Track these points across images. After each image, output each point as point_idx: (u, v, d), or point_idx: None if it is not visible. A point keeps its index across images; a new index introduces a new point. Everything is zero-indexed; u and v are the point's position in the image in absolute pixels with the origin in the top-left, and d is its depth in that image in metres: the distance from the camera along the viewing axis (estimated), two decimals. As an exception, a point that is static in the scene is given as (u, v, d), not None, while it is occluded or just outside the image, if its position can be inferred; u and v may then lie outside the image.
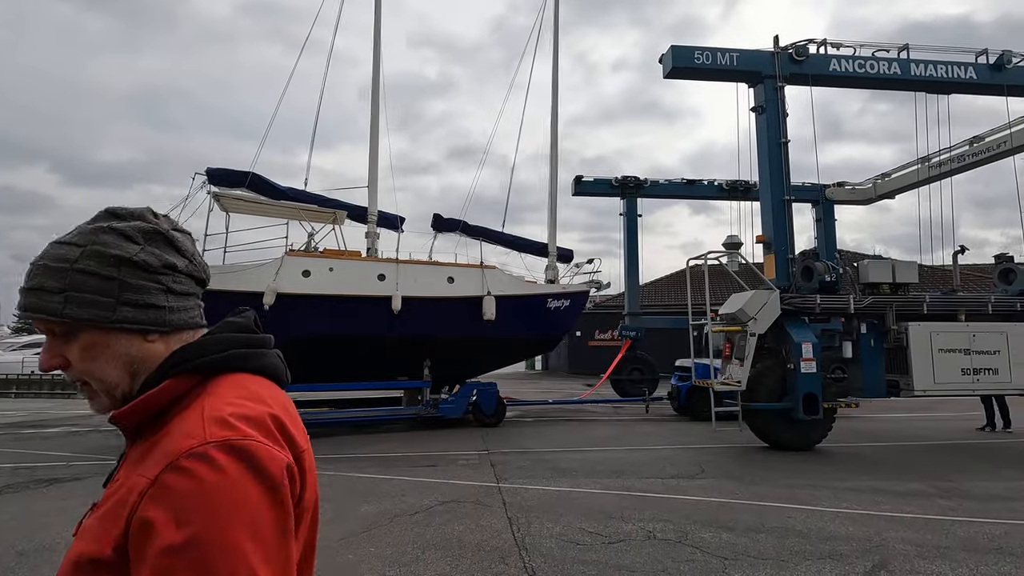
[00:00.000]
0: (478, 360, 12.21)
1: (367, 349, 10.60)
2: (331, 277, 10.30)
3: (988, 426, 10.44)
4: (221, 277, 9.86)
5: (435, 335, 10.83)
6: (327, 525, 5.03)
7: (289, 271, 10.01)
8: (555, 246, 13.05)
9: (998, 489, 6.18)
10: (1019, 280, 9.79)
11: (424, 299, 10.69)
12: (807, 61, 9.80)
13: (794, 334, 8.61)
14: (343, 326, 10.26)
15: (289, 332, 9.97)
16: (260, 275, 9.92)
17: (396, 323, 10.43)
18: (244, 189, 10.65)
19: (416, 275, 10.81)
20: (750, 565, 4.05)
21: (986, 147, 12.63)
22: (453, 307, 10.90)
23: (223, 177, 10.47)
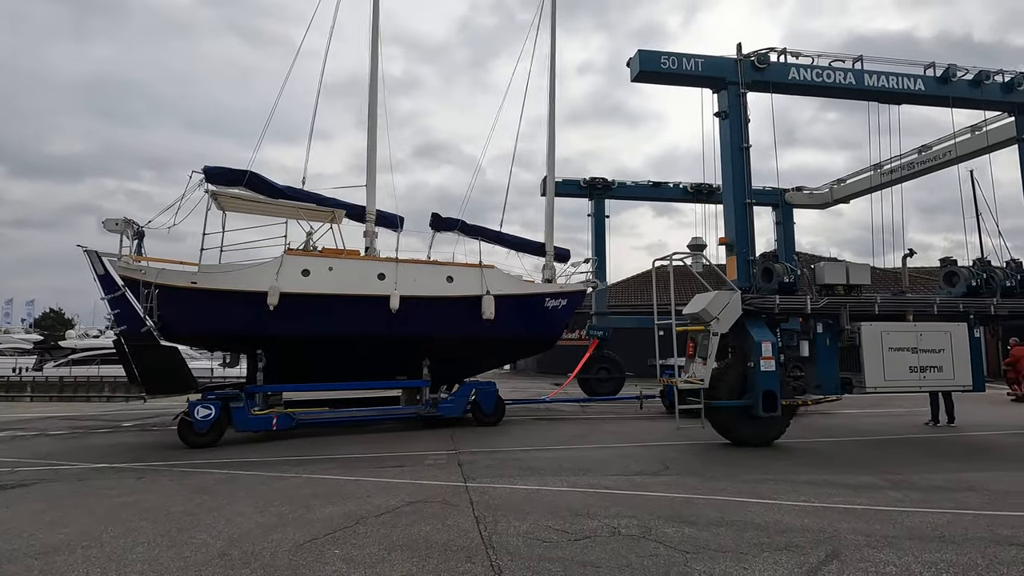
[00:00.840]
0: (477, 359, 12.23)
1: (367, 348, 10.56)
2: (331, 276, 10.23)
3: (933, 421, 10.98)
4: (221, 277, 9.78)
5: (434, 334, 10.82)
6: (289, 528, 4.94)
7: (289, 270, 9.91)
8: (552, 246, 13.20)
9: (941, 480, 6.51)
10: (962, 283, 10.33)
11: (423, 298, 10.66)
12: (768, 69, 10.12)
13: (754, 333, 8.87)
14: (343, 325, 10.20)
15: (289, 331, 9.95)
16: (260, 274, 9.80)
17: (395, 322, 10.39)
18: (242, 188, 10.53)
19: (415, 274, 10.79)
20: (710, 558, 4.16)
21: (933, 156, 13.27)
22: (452, 306, 10.90)
23: (220, 176, 10.34)
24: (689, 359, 9.49)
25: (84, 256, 9.34)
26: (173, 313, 9.50)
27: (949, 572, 3.89)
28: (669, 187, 19.01)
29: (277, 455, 8.43)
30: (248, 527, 5.00)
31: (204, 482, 6.80)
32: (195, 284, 9.60)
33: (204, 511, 5.51)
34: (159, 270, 9.57)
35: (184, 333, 10.18)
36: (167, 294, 9.40)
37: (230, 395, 9.64)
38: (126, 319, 9.50)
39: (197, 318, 9.70)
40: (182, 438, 9.21)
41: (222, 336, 10.34)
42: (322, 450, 8.76)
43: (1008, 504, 5.55)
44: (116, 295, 9.42)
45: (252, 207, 10.78)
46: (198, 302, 9.57)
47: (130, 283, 9.44)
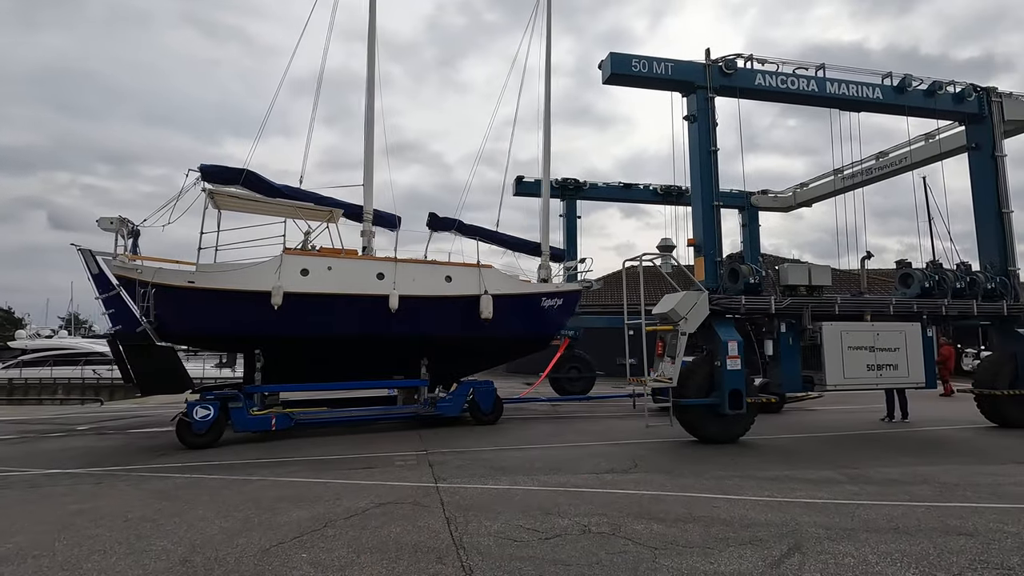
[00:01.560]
0: (475, 359, 12.24)
1: (365, 348, 10.51)
2: (330, 276, 10.17)
3: (888, 417, 11.42)
4: (219, 276, 9.69)
5: (433, 334, 10.82)
6: (254, 533, 4.83)
7: (288, 270, 9.82)
8: (548, 246, 13.35)
9: (896, 474, 6.78)
10: (916, 284, 10.77)
11: (422, 298, 10.64)
12: (735, 75, 10.34)
13: (721, 333, 9.06)
14: (342, 325, 10.16)
15: (288, 331, 9.89)
16: (259, 274, 9.71)
17: (394, 322, 10.36)
18: (239, 186, 10.45)
19: (414, 274, 10.76)
20: (678, 554, 4.24)
21: (889, 162, 13.80)
22: (451, 306, 10.90)
23: (217, 174, 10.26)
24: (658, 358, 9.64)
25: (78, 255, 9.23)
26: (170, 313, 9.39)
27: (903, 562, 4.05)
28: (640, 189, 19.29)
29: (242, 458, 8.22)
30: (211, 532, 4.86)
31: (164, 486, 6.59)
32: (193, 283, 9.48)
33: (164, 517, 5.34)
34: (156, 269, 9.44)
35: (181, 333, 10.03)
36: (164, 294, 9.30)
37: (229, 395, 9.51)
38: (121, 319, 9.37)
39: (195, 318, 9.58)
40: (180, 439, 9.06)
41: (220, 336, 10.21)
42: (289, 452, 8.59)
43: (957, 496, 5.81)
44: (111, 294, 9.29)
45: (249, 206, 10.68)
46: (196, 302, 9.46)
47: (125, 282, 9.31)
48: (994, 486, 6.19)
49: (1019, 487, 6.14)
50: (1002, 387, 10.41)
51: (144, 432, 11.21)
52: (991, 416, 10.63)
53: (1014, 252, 11.38)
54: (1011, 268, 11.26)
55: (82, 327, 54.57)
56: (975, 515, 5.11)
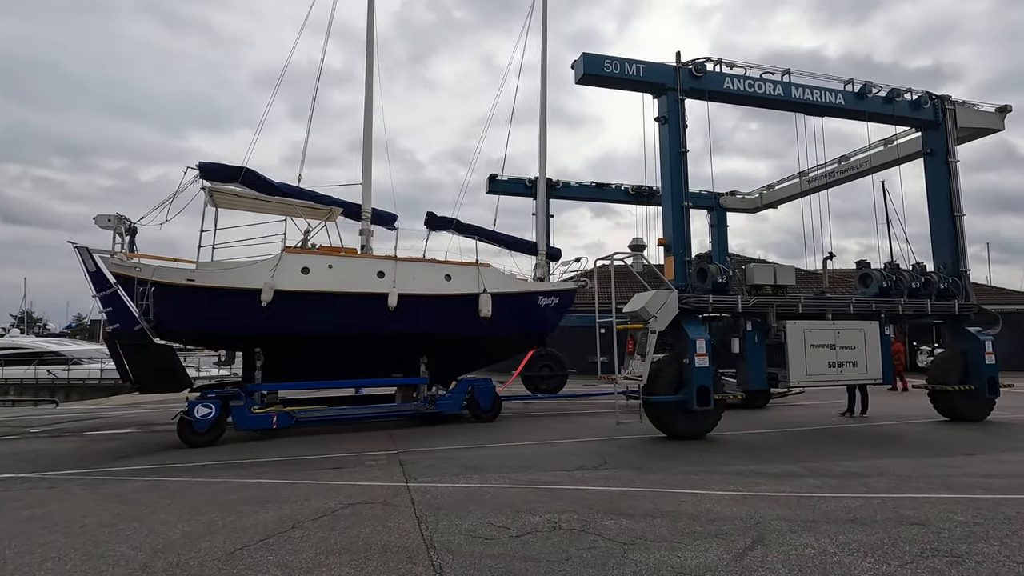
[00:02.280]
0: (474, 357, 12.32)
1: (366, 346, 10.55)
2: (330, 274, 10.22)
3: (849, 412, 11.82)
4: (219, 274, 9.63)
5: (434, 332, 10.92)
6: (218, 536, 4.72)
7: (287, 268, 9.87)
8: (544, 245, 13.54)
9: (855, 467, 7.02)
10: (874, 284, 11.17)
11: (422, 296, 10.73)
12: (705, 77, 10.55)
13: (689, 331, 9.24)
14: (343, 323, 10.21)
15: (289, 328, 9.91)
16: (259, 272, 9.71)
17: (395, 320, 10.42)
18: (237, 184, 10.47)
19: (414, 273, 10.85)
20: (646, 548, 4.31)
21: (851, 165, 14.27)
22: (450, 304, 10.99)
23: (216, 172, 10.26)
24: (628, 356, 9.77)
25: (75, 252, 9.14)
26: (170, 311, 9.35)
27: (860, 552, 4.20)
28: (612, 188, 19.47)
29: (206, 459, 8.01)
30: (173, 536, 4.73)
31: (123, 490, 6.37)
32: (192, 281, 9.45)
33: (123, 521, 5.17)
34: (155, 267, 9.40)
35: (181, 331, 9.99)
36: (164, 292, 9.26)
37: (230, 394, 9.50)
38: (118, 317, 9.29)
39: (195, 316, 9.55)
40: (181, 437, 9.03)
41: (220, 334, 10.17)
42: (256, 453, 8.41)
43: (910, 487, 6.06)
44: (108, 292, 9.22)
45: (248, 204, 10.67)
46: (196, 300, 9.44)
47: (123, 280, 9.24)
48: (944, 477, 6.47)
49: (968, 478, 6.44)
50: (953, 382, 10.89)
51: (102, 434, 10.82)
52: (943, 410, 11.11)
53: (965, 254, 11.91)
54: (962, 269, 11.78)
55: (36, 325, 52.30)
56: (927, 505, 5.34)
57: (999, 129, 12.64)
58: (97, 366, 26.96)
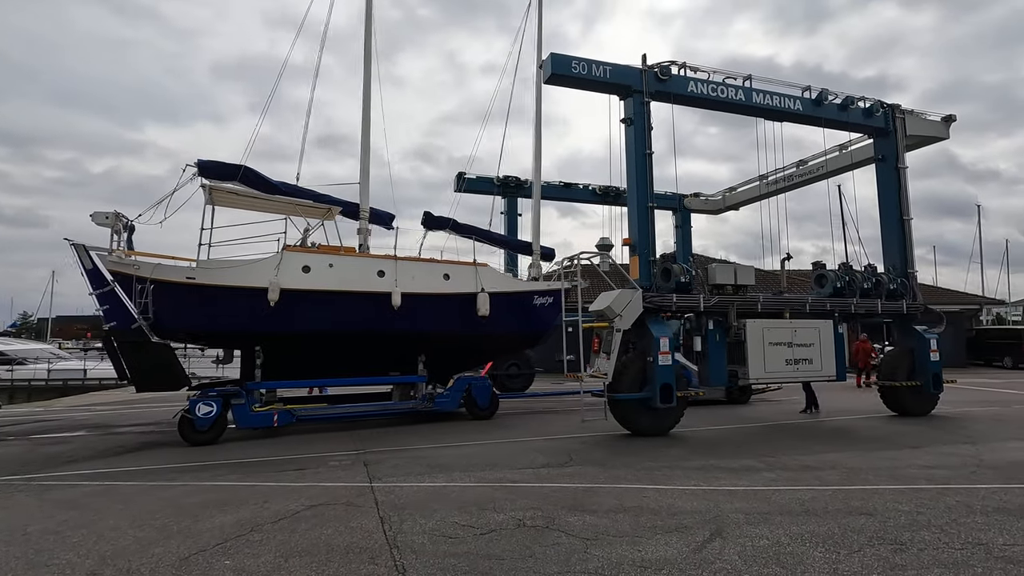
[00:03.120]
0: (471, 355, 12.41)
1: (367, 345, 10.59)
2: (331, 273, 10.24)
3: (807, 409, 12.21)
4: (219, 273, 9.60)
5: (433, 331, 11.00)
6: (172, 541, 4.57)
7: (289, 267, 9.87)
8: (539, 245, 13.64)
9: (809, 461, 7.29)
10: (829, 284, 11.60)
11: (422, 295, 10.82)
12: (670, 81, 10.74)
13: (653, 330, 9.40)
14: (345, 322, 10.23)
15: (291, 327, 9.90)
16: (260, 270, 9.71)
17: (397, 319, 10.51)
18: (236, 183, 10.43)
19: (414, 272, 10.93)
20: (609, 544, 4.38)
21: (808, 169, 14.75)
22: (449, 303, 11.10)
23: (214, 170, 10.23)
24: (594, 354, 9.89)
25: (71, 250, 9.08)
26: (169, 309, 9.29)
27: (812, 542, 4.37)
28: (579, 188, 19.67)
29: (161, 462, 7.75)
30: (124, 543, 4.56)
31: (71, 496, 6.10)
32: (192, 280, 9.40)
33: (70, 528, 4.95)
34: (155, 265, 9.32)
35: (181, 329, 9.88)
36: (163, 290, 9.20)
37: (231, 392, 9.52)
38: (115, 315, 9.24)
39: (195, 314, 9.50)
40: (183, 436, 9.00)
41: (221, 333, 10.08)
42: (215, 455, 8.18)
43: (860, 479, 6.33)
44: (105, 290, 9.18)
45: (248, 202, 10.65)
46: (196, 298, 9.40)
47: (121, 278, 9.17)
48: (891, 469, 6.78)
49: (912, 469, 6.76)
50: (901, 379, 11.40)
51: (49, 437, 10.33)
52: (891, 405, 11.62)
53: (913, 256, 12.48)
54: (910, 271, 12.33)
55: (-24, 324, 49.46)
56: (875, 496, 5.59)
57: (944, 138, 13.27)
58: (44, 366, 25.73)
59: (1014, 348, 25.30)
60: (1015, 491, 5.73)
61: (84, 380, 24.08)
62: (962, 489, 5.83)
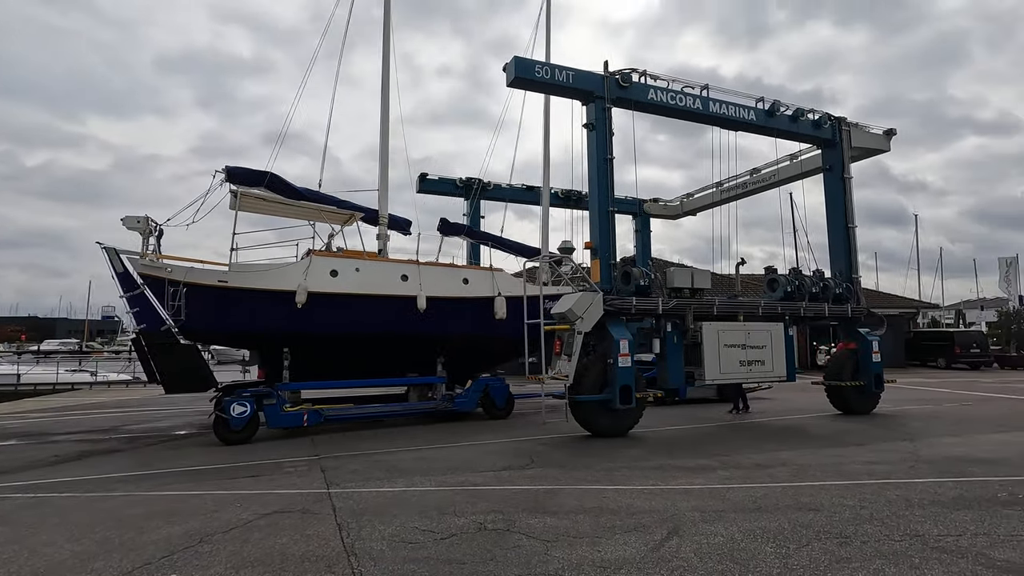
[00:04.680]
0: (487, 357, 12.76)
1: (392, 346, 10.97)
2: (358, 277, 10.66)
3: (736, 409, 12.43)
4: (250, 276, 9.93)
5: (454, 333, 11.39)
6: (114, 555, 4.34)
7: (317, 271, 10.26)
8: (548, 251, 14.29)
9: (761, 459, 7.54)
10: (780, 288, 12.05)
11: (444, 299, 11.23)
12: (631, 88, 10.94)
13: (614, 332, 9.54)
14: (371, 324, 10.60)
15: (320, 329, 10.22)
16: (290, 274, 10.09)
17: (421, 321, 10.91)
18: (262, 188, 10.76)
19: (435, 276, 11.40)
20: (569, 545, 4.40)
21: (761, 177, 15.30)
22: (469, 307, 11.52)
23: (242, 176, 10.57)
24: (556, 356, 9.96)
25: (103, 253, 9.31)
26: (202, 312, 9.49)
27: (763, 537, 4.51)
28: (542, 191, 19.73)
29: (101, 472, 7.35)
30: (60, 558, 4.30)
31: (1, 510, 5.71)
32: (224, 283, 9.68)
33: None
34: (188, 269, 9.60)
35: (214, 332, 10.26)
36: (196, 293, 9.42)
37: (263, 392, 9.76)
38: (145, 317, 9.48)
39: (228, 317, 9.76)
40: (218, 436, 9.23)
41: (252, 334, 10.38)
42: (163, 462, 7.82)
43: (808, 476, 6.58)
44: (135, 293, 9.39)
45: (274, 208, 11.03)
46: (229, 301, 9.67)
47: (151, 281, 9.38)
48: (837, 466, 7.09)
49: (856, 465, 7.08)
50: (846, 379, 11.95)
51: (-24, 447, 9.65)
52: (837, 404, 12.15)
53: (857, 262, 13.10)
54: (855, 275, 12.94)
55: None
56: (822, 492, 5.82)
57: (886, 150, 14.01)
58: (-28, 371, 24.02)
59: (947, 349, 26.88)
60: (948, 484, 6.08)
61: (17, 386, 22.60)
62: (901, 483, 6.14)
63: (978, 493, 5.72)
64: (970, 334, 28.58)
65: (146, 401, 16.82)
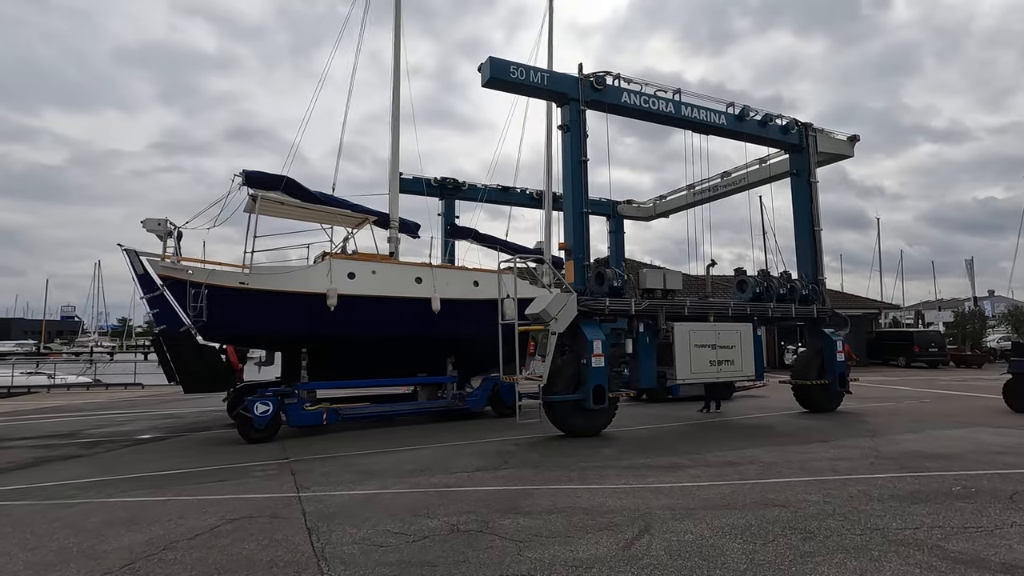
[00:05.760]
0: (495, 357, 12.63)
1: (407, 347, 11.28)
2: (375, 279, 10.91)
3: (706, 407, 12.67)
4: (271, 278, 10.14)
5: (465, 334, 11.58)
6: (72, 565, 4.19)
7: (336, 273, 10.48)
8: (551, 254, 14.38)
9: (731, 457, 7.69)
10: (749, 290, 12.31)
11: (457, 301, 11.51)
12: (605, 90, 11.04)
13: (587, 333, 9.62)
14: (388, 325, 10.90)
15: (339, 330, 10.41)
16: (310, 276, 10.34)
17: (436, 322, 11.18)
18: (279, 192, 10.93)
19: (448, 279, 11.72)
20: (541, 545, 4.42)
21: (732, 181, 15.61)
22: (480, 308, 11.66)
23: (260, 180, 10.76)
24: (530, 357, 9.99)
25: (123, 255, 9.46)
26: (223, 313, 9.64)
27: (731, 534, 4.60)
28: (517, 192, 19.79)
29: (59, 479, 7.08)
30: (15, 568, 4.13)
31: (-50, 519, 5.46)
32: (244, 285, 9.82)
33: (-52, 556, 4.43)
34: (210, 271, 9.77)
35: (235, 333, 10.44)
36: (217, 294, 9.55)
37: (285, 392, 9.99)
38: (165, 318, 9.64)
39: (249, 318, 9.92)
40: (242, 434, 9.40)
41: (274, 335, 10.60)
42: (126, 468, 7.58)
43: (775, 473, 6.74)
44: (155, 295, 9.56)
45: (291, 212, 11.25)
46: (251, 303, 9.84)
47: (172, 283, 9.51)
48: (803, 462, 7.28)
49: (821, 462, 7.28)
50: (812, 378, 12.27)
51: (-77, 454, 9.20)
52: (803, 402, 12.47)
53: (822, 264, 13.48)
54: (820, 277, 13.31)
55: None
56: (788, 488, 5.97)
57: (850, 155, 14.44)
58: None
59: (907, 348, 27.85)
60: (907, 479, 6.30)
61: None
62: (863, 479, 6.34)
63: (934, 487, 5.95)
64: (928, 334, 29.64)
65: (107, 404, 16.29)
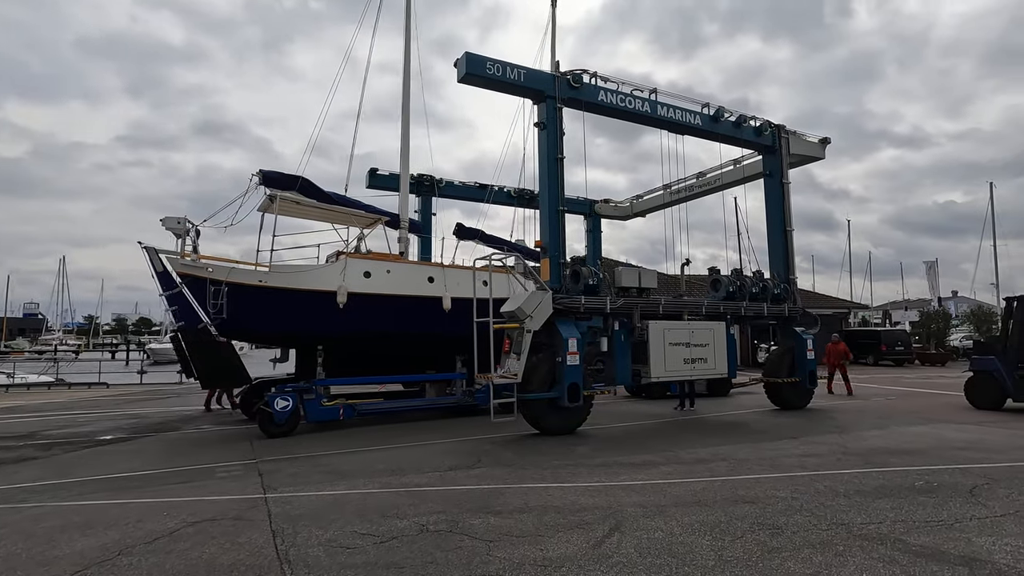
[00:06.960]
0: None
1: (419, 344, 11.50)
2: (389, 278, 11.19)
3: (682, 405, 12.82)
4: (290, 276, 10.36)
5: None
6: (17, 572, 3.99)
7: (352, 272, 10.74)
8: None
9: (703, 454, 7.75)
10: (723, 289, 12.45)
11: (467, 299, 11.38)
12: (582, 89, 11.03)
13: (562, 331, 9.60)
14: (403, 323, 11.14)
15: (354, 328, 10.61)
16: (327, 275, 10.57)
17: (447, 321, 11.41)
18: (295, 192, 11.08)
19: (458, 278, 11.95)
20: (511, 544, 4.37)
21: (707, 181, 15.78)
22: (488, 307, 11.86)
23: (276, 180, 10.94)
24: (505, 355, 9.93)
25: (143, 252, 9.63)
26: (243, 310, 9.76)
27: (701, 531, 4.62)
28: (495, 190, 19.72)
29: (11, 481, 6.78)
30: (-45, 578, 3.92)
31: None
32: (263, 283, 10.01)
33: None
34: (230, 269, 9.94)
35: (254, 330, 10.67)
36: (237, 292, 9.72)
37: (304, 388, 10.16)
38: (183, 315, 9.83)
39: (269, 316, 10.08)
40: (263, 429, 9.53)
41: (293, 333, 10.74)
42: (83, 470, 7.30)
43: (746, 469, 6.81)
44: (174, 292, 9.74)
45: (307, 212, 11.49)
46: (270, 300, 10.01)
47: (191, 280, 9.65)
48: (773, 459, 7.37)
49: (790, 459, 7.38)
50: (783, 376, 12.48)
51: None
52: (774, 400, 12.67)
53: (794, 264, 13.71)
54: (792, 277, 13.54)
55: None
56: (757, 485, 6.03)
57: (821, 157, 14.72)
58: None
59: (875, 347, 28.57)
60: (872, 475, 6.42)
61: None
62: (830, 475, 6.45)
63: (898, 482, 6.07)
64: (895, 333, 30.45)
65: (69, 404, 15.73)
